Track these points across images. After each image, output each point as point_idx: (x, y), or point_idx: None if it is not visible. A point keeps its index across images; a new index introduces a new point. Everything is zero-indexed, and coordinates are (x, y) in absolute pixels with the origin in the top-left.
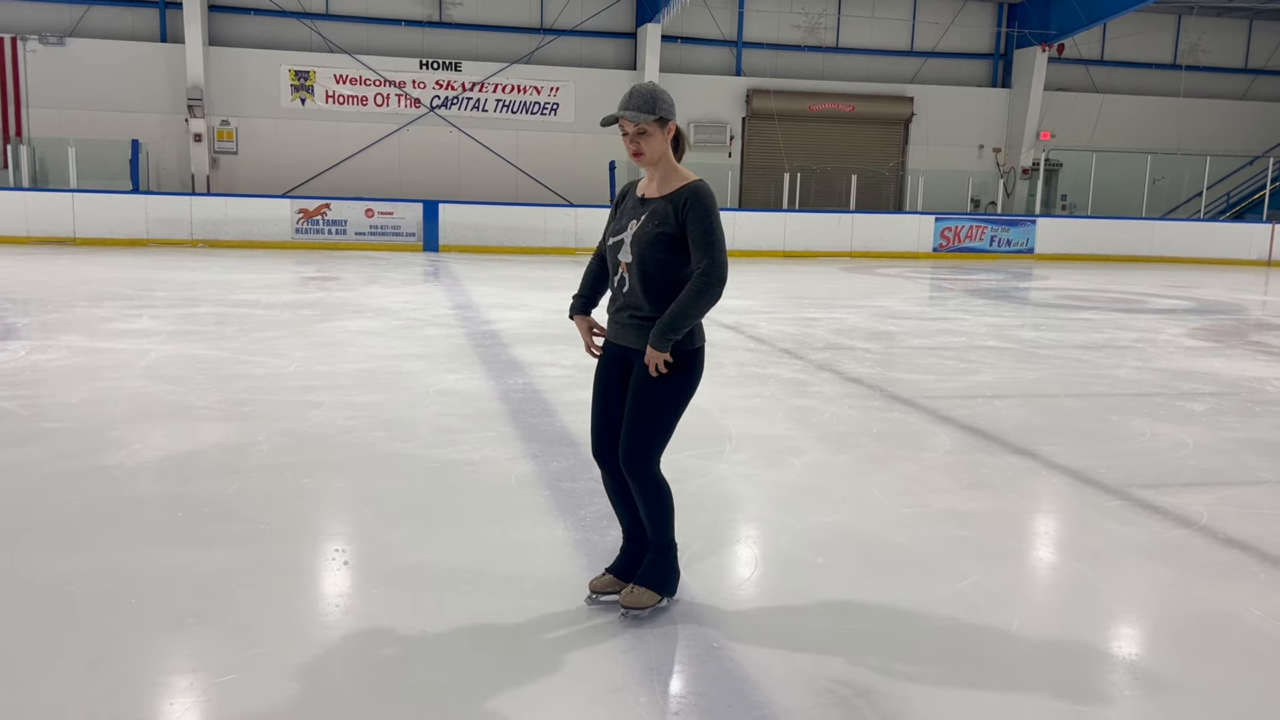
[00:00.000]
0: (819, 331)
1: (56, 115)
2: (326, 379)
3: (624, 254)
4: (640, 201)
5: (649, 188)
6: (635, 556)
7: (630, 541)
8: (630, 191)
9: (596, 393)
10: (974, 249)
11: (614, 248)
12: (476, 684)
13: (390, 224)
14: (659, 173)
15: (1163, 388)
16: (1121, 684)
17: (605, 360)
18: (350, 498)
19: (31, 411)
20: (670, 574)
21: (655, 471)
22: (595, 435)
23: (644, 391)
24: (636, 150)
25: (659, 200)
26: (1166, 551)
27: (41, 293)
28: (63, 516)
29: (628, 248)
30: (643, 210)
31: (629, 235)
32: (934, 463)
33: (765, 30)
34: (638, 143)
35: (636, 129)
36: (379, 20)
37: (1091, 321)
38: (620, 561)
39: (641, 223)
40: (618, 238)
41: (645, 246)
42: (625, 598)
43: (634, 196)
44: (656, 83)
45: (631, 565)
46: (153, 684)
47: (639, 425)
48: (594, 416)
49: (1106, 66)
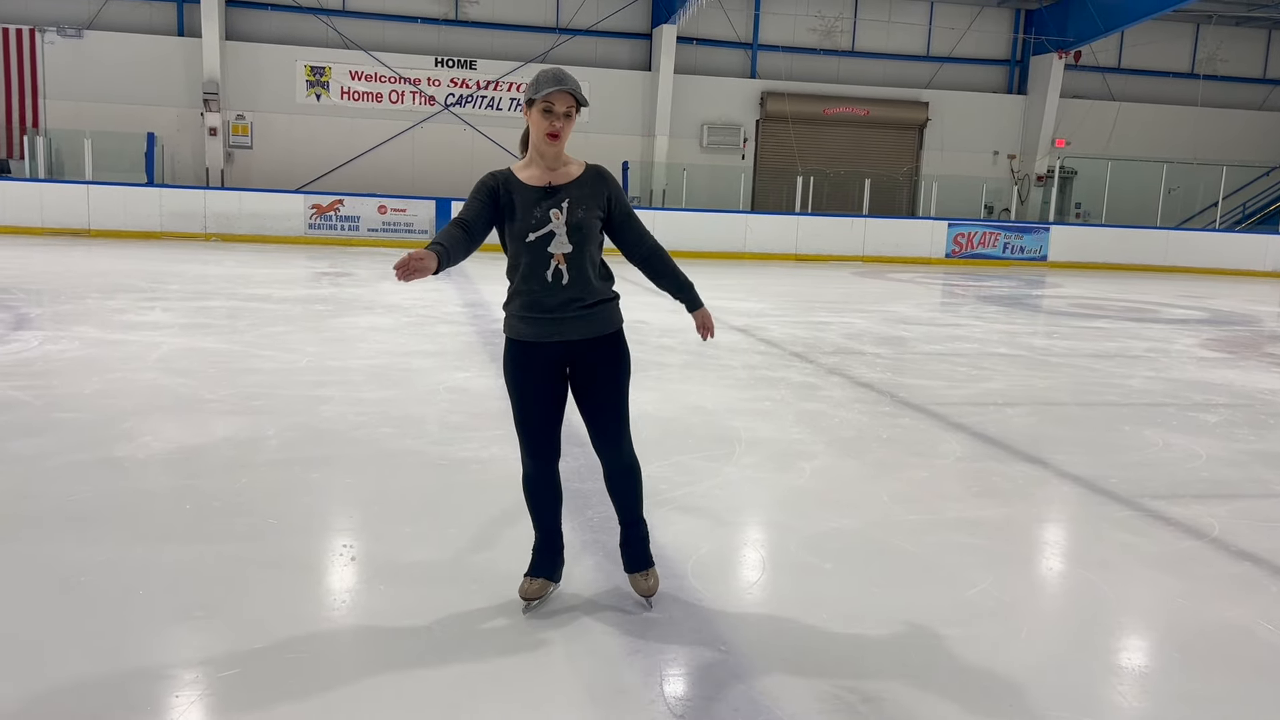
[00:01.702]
0: (830, 336)
1: (73, 107)
2: (337, 374)
3: (558, 246)
4: (547, 191)
5: (540, 176)
6: (558, 556)
7: (556, 540)
8: (508, 184)
9: (535, 394)
10: (987, 255)
11: (539, 243)
12: (482, 682)
13: (403, 221)
14: (550, 160)
15: (1175, 398)
16: (1130, 695)
17: (537, 362)
18: (359, 493)
19: (44, 402)
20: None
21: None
22: (541, 434)
23: (615, 377)
24: (556, 132)
25: (574, 186)
26: (1177, 563)
27: (55, 284)
28: (73, 507)
29: (564, 239)
30: (559, 198)
31: (561, 226)
32: (944, 469)
33: (781, 33)
34: (563, 124)
35: (567, 110)
36: (395, 17)
37: (1104, 330)
38: (547, 563)
39: (570, 211)
40: (542, 232)
41: (587, 234)
42: (646, 586)
43: (526, 188)
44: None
45: (555, 564)
46: (160, 676)
47: (624, 410)
48: (537, 417)
49: (1123, 74)
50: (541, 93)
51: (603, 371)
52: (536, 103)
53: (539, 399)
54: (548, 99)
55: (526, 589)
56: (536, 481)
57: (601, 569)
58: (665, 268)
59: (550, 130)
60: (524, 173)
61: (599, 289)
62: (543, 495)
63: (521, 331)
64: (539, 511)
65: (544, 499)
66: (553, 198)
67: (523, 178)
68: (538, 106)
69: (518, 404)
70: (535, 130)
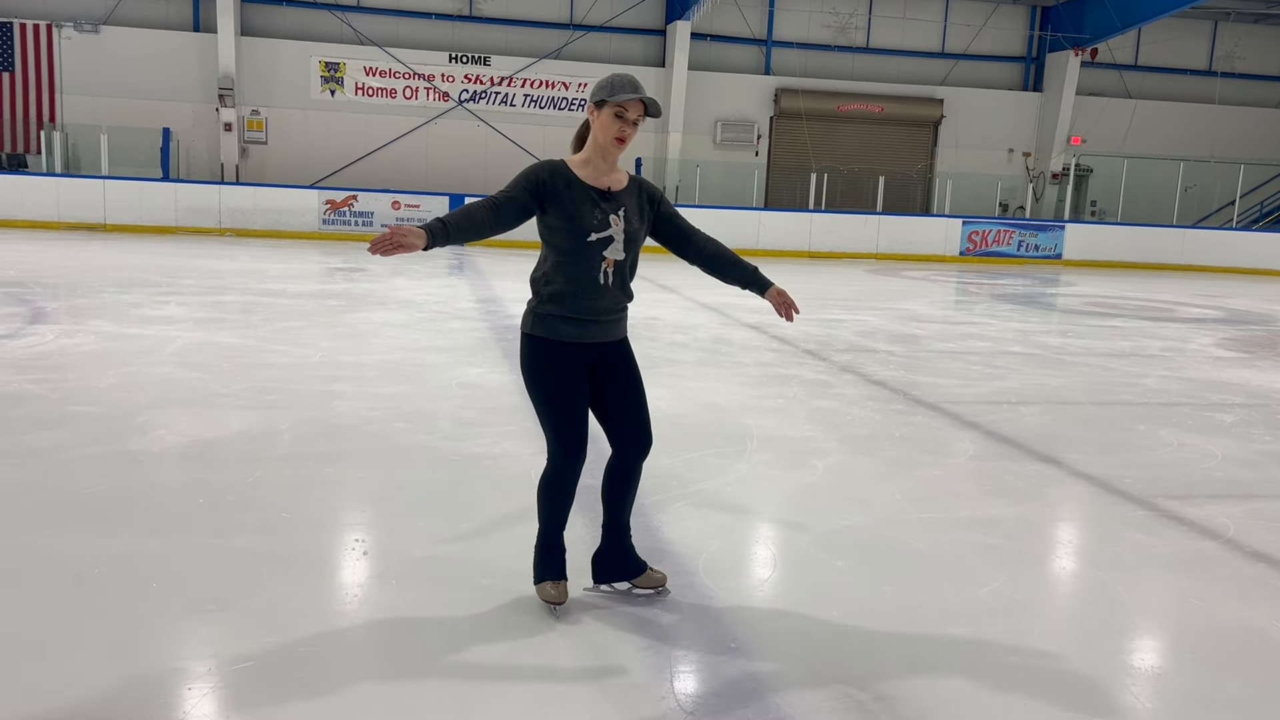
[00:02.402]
0: (843, 333)
1: (90, 102)
2: (350, 370)
3: (613, 251)
4: (604, 195)
5: (597, 179)
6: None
7: (562, 540)
8: (564, 177)
9: (575, 391)
10: (1001, 253)
11: (599, 244)
12: (493, 678)
13: (417, 216)
14: (611, 164)
15: (1191, 398)
16: (1143, 696)
17: (573, 360)
18: (371, 488)
19: (60, 395)
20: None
21: None
22: (581, 430)
23: (638, 375)
24: (626, 138)
25: (626, 195)
26: (1191, 563)
27: (71, 278)
28: (88, 500)
29: (619, 245)
30: (614, 205)
31: (620, 233)
32: (957, 468)
33: (795, 29)
34: (631, 131)
35: (637, 117)
36: (409, 13)
37: (1119, 329)
38: (562, 563)
39: (626, 219)
40: (604, 234)
41: (638, 245)
42: (659, 577)
43: (585, 185)
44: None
45: (565, 563)
46: (173, 669)
47: (647, 407)
48: (577, 414)
49: (1140, 72)
50: (617, 97)
51: (626, 370)
52: (608, 105)
53: (578, 396)
54: (623, 105)
55: (555, 593)
56: (568, 478)
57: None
58: (728, 257)
59: (620, 135)
60: (581, 170)
61: (629, 295)
62: (568, 493)
63: (562, 331)
64: (559, 510)
65: (567, 497)
66: (611, 202)
67: (581, 175)
68: (610, 109)
69: (556, 401)
70: (603, 132)
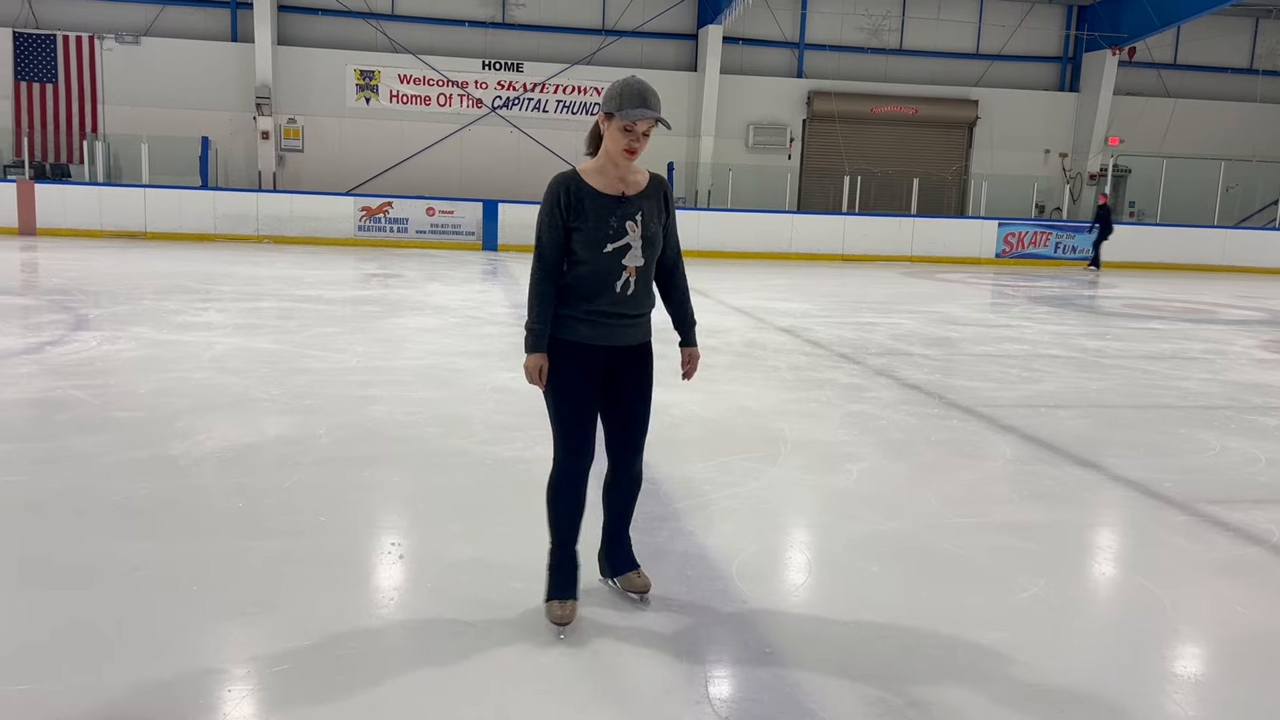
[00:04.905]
0: (877, 336)
1: (131, 112)
2: (386, 374)
3: (632, 259)
4: (619, 201)
5: (612, 185)
6: (578, 571)
7: (576, 555)
8: (578, 189)
9: (588, 393)
10: (1038, 255)
11: (616, 254)
12: (528, 682)
13: (450, 223)
14: (623, 170)
15: (1233, 401)
16: (1185, 704)
17: (590, 362)
18: (407, 492)
19: (102, 401)
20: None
21: None
22: (589, 432)
23: (648, 385)
24: (635, 150)
25: (643, 198)
26: (1235, 569)
27: (113, 285)
28: (129, 504)
29: (638, 252)
30: (631, 209)
31: (637, 239)
32: (993, 472)
33: (828, 32)
34: (642, 143)
35: (647, 129)
36: (443, 21)
37: (1159, 331)
38: (573, 582)
39: (643, 224)
40: (619, 244)
41: (657, 247)
42: (642, 582)
43: (600, 195)
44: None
45: (577, 581)
46: (212, 670)
47: (649, 419)
48: (588, 415)
49: (1179, 70)
50: (625, 114)
51: (638, 379)
52: (616, 118)
53: (590, 398)
54: (631, 122)
55: (561, 613)
56: (576, 479)
57: (649, 569)
58: (682, 289)
59: (630, 148)
60: (595, 178)
61: (651, 300)
62: (577, 496)
63: (581, 333)
64: (570, 517)
65: (577, 501)
66: (626, 207)
67: (594, 184)
68: (618, 123)
69: (568, 401)
70: (613, 143)
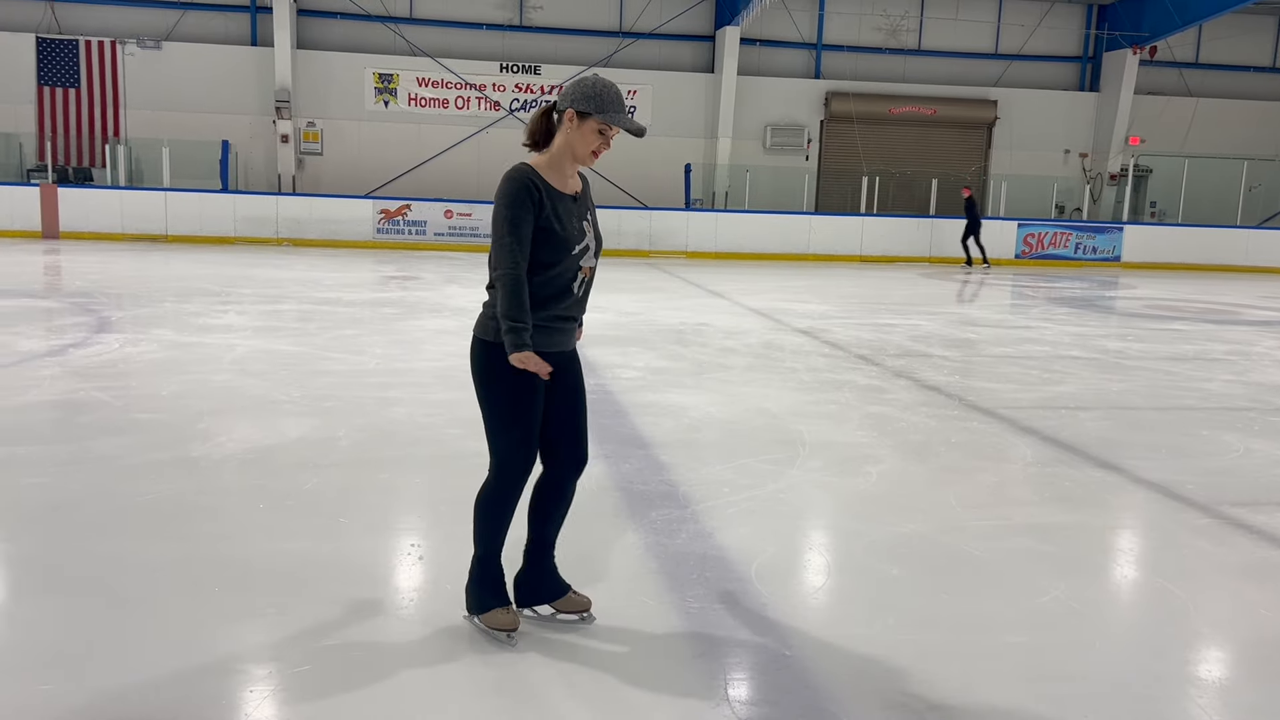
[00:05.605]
0: (896, 338)
1: (152, 116)
2: (405, 376)
3: (588, 259)
4: (574, 200)
5: (566, 183)
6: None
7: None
8: (545, 189)
9: (534, 404)
10: (1058, 256)
11: (578, 256)
12: (548, 684)
13: (468, 225)
14: (573, 169)
15: (1257, 402)
16: (1209, 708)
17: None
18: (426, 493)
19: (124, 403)
20: None
21: None
22: (535, 450)
23: (584, 388)
24: (601, 153)
25: (585, 196)
26: (1259, 572)
27: (134, 288)
28: (152, 505)
29: (592, 253)
30: (583, 209)
31: (591, 239)
32: (1014, 474)
33: (845, 32)
34: (607, 149)
35: (617, 132)
36: (461, 24)
37: (1181, 333)
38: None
39: (594, 224)
40: (582, 245)
41: (601, 245)
42: (583, 600)
43: (562, 195)
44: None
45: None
46: (233, 671)
47: (587, 424)
48: (532, 431)
49: (1201, 69)
50: (607, 116)
51: (573, 382)
52: (593, 119)
53: (536, 408)
54: (608, 126)
55: (508, 619)
56: (513, 494)
57: (664, 571)
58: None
59: (597, 151)
60: (552, 176)
61: (586, 304)
62: (510, 511)
63: (538, 341)
64: (500, 532)
65: (508, 516)
66: (580, 207)
67: (554, 183)
68: (593, 124)
69: (525, 410)
70: (581, 144)
